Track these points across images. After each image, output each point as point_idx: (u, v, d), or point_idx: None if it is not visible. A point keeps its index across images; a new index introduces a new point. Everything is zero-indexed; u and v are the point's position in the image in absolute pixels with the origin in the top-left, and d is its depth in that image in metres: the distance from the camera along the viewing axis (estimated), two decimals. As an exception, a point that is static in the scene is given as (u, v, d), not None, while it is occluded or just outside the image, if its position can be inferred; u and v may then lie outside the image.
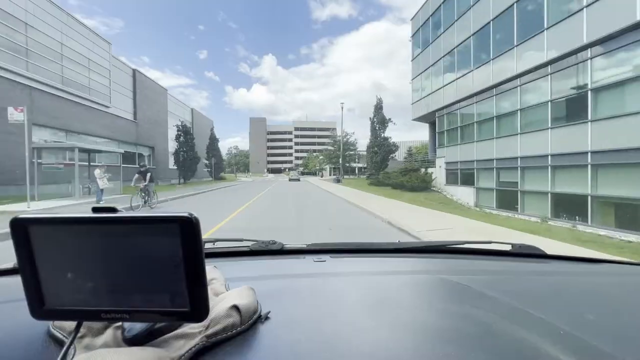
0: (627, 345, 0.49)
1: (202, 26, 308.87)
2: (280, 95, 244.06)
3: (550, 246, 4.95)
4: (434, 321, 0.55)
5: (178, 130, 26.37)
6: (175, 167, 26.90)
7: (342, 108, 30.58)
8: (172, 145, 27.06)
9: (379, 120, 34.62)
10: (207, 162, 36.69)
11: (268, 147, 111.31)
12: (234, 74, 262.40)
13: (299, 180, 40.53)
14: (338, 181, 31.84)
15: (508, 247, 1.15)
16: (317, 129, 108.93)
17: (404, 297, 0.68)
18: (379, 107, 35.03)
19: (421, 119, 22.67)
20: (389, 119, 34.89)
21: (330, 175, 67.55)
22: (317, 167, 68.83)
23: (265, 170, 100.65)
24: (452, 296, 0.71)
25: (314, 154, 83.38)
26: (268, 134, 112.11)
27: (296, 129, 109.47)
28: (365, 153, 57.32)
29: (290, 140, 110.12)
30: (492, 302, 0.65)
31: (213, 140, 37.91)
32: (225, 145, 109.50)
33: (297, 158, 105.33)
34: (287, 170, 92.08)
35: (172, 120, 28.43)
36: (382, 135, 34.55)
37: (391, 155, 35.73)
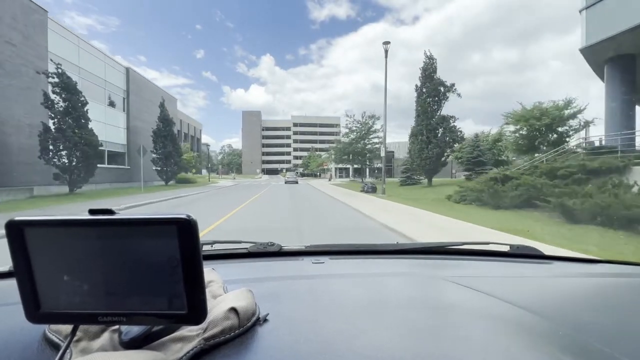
0: (626, 345, 0.49)
1: (200, 25, 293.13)
2: (279, 96, 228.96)
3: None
4: (432, 322, 0.55)
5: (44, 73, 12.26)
6: (58, 165, 13.20)
7: (386, 52, 16.43)
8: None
9: (431, 91, 19.97)
10: (155, 156, 22.83)
11: (263, 145, 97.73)
12: (231, 74, 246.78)
13: (296, 182, 32.02)
14: (373, 190, 17.26)
15: (506, 248, 1.14)
16: (319, 125, 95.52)
17: (403, 298, 0.67)
18: (429, 71, 20.23)
19: (615, 41, 9.25)
20: (452, 86, 20.19)
21: (336, 177, 52.72)
22: (325, 167, 55.14)
23: (259, 170, 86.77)
24: (451, 297, 0.70)
25: (316, 152, 70.07)
26: (263, 130, 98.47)
27: (295, 124, 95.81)
28: (381, 151, 44.09)
29: (289, 137, 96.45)
30: (491, 302, 0.65)
31: (165, 122, 23.09)
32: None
33: (295, 157, 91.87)
34: (284, 171, 78.48)
35: (74, 79, 14.49)
36: (439, 113, 20.09)
37: (453, 147, 21.08)
